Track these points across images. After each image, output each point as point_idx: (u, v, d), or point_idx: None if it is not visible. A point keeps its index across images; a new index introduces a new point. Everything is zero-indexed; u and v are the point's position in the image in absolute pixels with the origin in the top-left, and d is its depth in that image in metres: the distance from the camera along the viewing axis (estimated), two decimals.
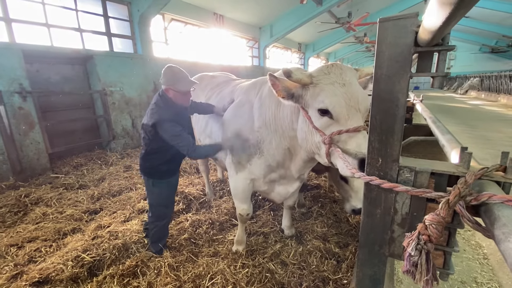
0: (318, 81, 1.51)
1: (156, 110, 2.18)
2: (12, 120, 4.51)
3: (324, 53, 23.96)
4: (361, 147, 1.32)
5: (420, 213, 0.98)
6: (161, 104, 2.22)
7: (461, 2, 0.40)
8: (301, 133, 1.71)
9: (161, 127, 2.13)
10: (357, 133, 1.39)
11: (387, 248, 1.09)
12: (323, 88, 1.49)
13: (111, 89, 6.24)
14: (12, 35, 5.01)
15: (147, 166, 2.41)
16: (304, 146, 1.74)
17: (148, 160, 2.38)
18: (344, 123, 1.43)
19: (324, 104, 1.45)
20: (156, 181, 2.43)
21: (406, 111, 0.97)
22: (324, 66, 1.58)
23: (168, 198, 2.57)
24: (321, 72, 1.54)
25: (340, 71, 1.51)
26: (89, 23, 6.36)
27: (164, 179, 2.45)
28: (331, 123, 1.48)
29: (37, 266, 2.39)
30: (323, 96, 1.46)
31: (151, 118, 2.16)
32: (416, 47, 0.89)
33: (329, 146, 1.44)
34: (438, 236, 0.80)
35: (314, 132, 1.56)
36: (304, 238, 2.83)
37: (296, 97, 1.60)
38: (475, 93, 11.14)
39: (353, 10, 12.98)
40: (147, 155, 2.36)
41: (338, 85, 1.46)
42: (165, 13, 8.39)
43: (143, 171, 2.45)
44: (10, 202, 3.64)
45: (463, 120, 3.14)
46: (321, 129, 1.50)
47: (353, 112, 1.44)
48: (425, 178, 0.95)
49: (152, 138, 2.24)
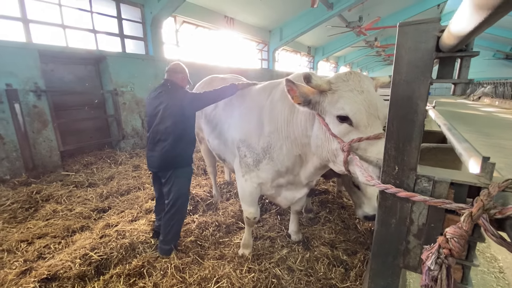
0: (337, 87, 1.50)
1: (173, 93, 2.39)
2: (27, 118, 4.63)
3: (333, 57, 23.83)
4: (382, 155, 1.30)
5: (438, 225, 0.95)
6: (172, 88, 2.45)
7: (500, 7, 0.38)
8: (317, 140, 1.68)
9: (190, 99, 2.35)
10: (378, 140, 1.36)
11: (402, 260, 1.05)
12: (342, 94, 1.47)
13: (122, 89, 6.34)
14: (29, 35, 5.15)
15: (176, 155, 2.42)
16: (319, 153, 1.70)
17: (176, 148, 2.39)
18: (364, 130, 1.41)
19: (344, 111, 1.43)
20: (184, 170, 2.51)
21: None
22: (342, 73, 1.57)
23: (189, 187, 2.65)
24: (339, 79, 1.52)
25: (358, 79, 1.50)
26: (103, 25, 6.49)
27: (190, 165, 2.57)
28: (350, 130, 1.45)
29: (46, 263, 2.42)
30: (343, 103, 1.44)
31: (173, 100, 2.32)
32: (438, 52, 0.86)
33: (348, 153, 1.41)
34: (460, 251, 0.77)
35: (331, 139, 1.53)
36: (312, 244, 2.78)
37: (313, 104, 1.58)
38: (489, 99, 10.90)
39: (364, 14, 12.89)
40: (175, 143, 2.37)
41: (357, 92, 1.45)
42: (177, 16, 8.50)
43: (171, 163, 2.43)
44: (22, 198, 3.72)
45: (477, 128, 3.06)
46: (339, 136, 1.47)
47: (373, 119, 1.42)
48: (444, 188, 0.91)
49: (178, 121, 2.35)
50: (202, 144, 3.61)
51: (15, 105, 4.43)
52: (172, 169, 2.45)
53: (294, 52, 16.92)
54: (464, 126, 3.77)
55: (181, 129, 2.39)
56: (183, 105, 2.33)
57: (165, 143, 2.37)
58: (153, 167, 2.52)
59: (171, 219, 2.53)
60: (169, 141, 2.36)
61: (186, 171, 2.56)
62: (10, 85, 4.41)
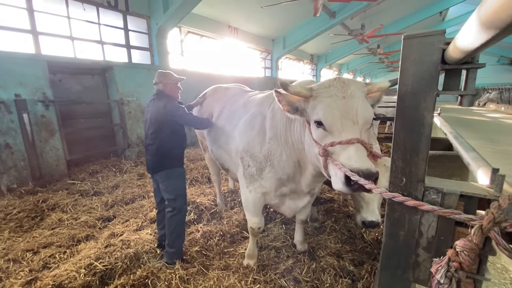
0: (318, 94, 1.52)
1: (158, 102, 2.53)
2: (35, 128, 4.70)
3: (336, 65, 23.95)
4: (351, 160, 1.29)
5: (448, 237, 0.93)
6: (158, 96, 2.60)
7: (508, 28, 0.38)
8: (306, 146, 1.74)
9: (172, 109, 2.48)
10: (350, 145, 1.34)
11: (412, 273, 1.03)
12: (321, 100, 1.50)
13: (128, 98, 6.44)
14: (38, 47, 5.29)
15: (163, 157, 2.55)
16: (309, 158, 1.77)
17: (162, 150, 2.54)
18: (338, 135, 1.40)
19: (318, 116, 1.47)
20: (174, 170, 2.60)
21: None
22: (326, 80, 1.59)
23: (185, 187, 2.73)
24: (322, 86, 1.55)
25: (342, 85, 1.50)
26: (110, 36, 6.65)
27: (181, 166, 2.68)
28: (325, 134, 1.47)
29: (51, 273, 2.42)
30: (318, 108, 1.48)
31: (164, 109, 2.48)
32: (443, 64, 0.87)
33: (325, 158, 1.43)
34: (470, 264, 0.75)
35: (314, 145, 1.56)
36: (317, 254, 2.74)
37: (300, 111, 1.62)
38: (494, 105, 10.80)
39: (366, 22, 12.99)
40: (160, 146, 2.53)
41: (337, 98, 1.45)
42: (182, 26, 8.67)
43: (160, 164, 2.56)
44: (28, 207, 3.75)
45: (483, 134, 3.02)
46: (317, 140, 1.51)
47: (349, 124, 1.40)
48: (453, 200, 0.90)
49: (160, 128, 2.50)
50: (206, 152, 3.62)
51: (23, 115, 4.51)
52: (164, 170, 2.57)
53: (297, 60, 17.06)
54: (471, 133, 3.73)
55: (164, 135, 2.54)
56: (164, 114, 2.49)
57: (152, 147, 2.56)
58: (149, 169, 2.67)
59: (173, 220, 2.58)
60: (155, 145, 2.53)
61: (177, 171, 2.65)
62: (19, 95, 4.50)
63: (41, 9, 5.31)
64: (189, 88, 5.36)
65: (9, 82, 4.44)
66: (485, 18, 0.43)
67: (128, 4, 6.60)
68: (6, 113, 4.36)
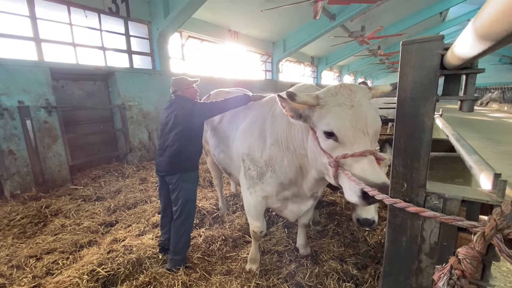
0: (325, 102, 1.48)
1: (183, 103, 2.52)
2: (38, 134, 4.74)
3: (337, 66, 23.98)
4: (365, 173, 1.27)
5: (450, 243, 0.92)
6: (182, 99, 2.59)
7: (503, 39, 0.38)
8: (310, 153, 1.71)
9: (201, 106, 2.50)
10: (363, 157, 1.33)
11: (414, 279, 1.02)
12: (329, 110, 1.45)
13: (130, 103, 6.48)
14: (41, 54, 5.35)
15: (182, 160, 2.52)
16: (314, 165, 1.73)
17: (182, 153, 2.50)
18: (350, 147, 1.38)
19: (329, 127, 1.42)
20: (190, 174, 2.57)
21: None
22: (332, 86, 1.55)
23: (195, 193, 2.69)
24: (328, 93, 1.51)
25: (348, 92, 1.47)
26: (112, 42, 6.71)
27: (196, 170, 2.66)
28: (336, 145, 1.44)
29: (54, 279, 2.42)
30: (329, 119, 1.43)
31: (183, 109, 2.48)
32: (442, 69, 0.87)
33: (336, 169, 1.41)
34: (473, 272, 0.74)
35: (322, 154, 1.53)
36: (320, 258, 2.72)
37: (304, 117, 1.59)
38: (497, 105, 10.76)
39: (366, 23, 13.02)
40: (181, 148, 2.49)
41: (346, 107, 1.42)
42: (183, 31, 8.74)
43: (177, 167, 2.51)
44: (32, 213, 3.76)
45: (485, 134, 2.99)
46: (327, 151, 1.47)
47: (360, 136, 1.38)
48: (455, 205, 0.89)
49: (186, 128, 2.49)
50: (208, 156, 3.63)
51: (26, 121, 4.55)
52: (179, 173, 2.52)
53: (297, 63, 17.10)
54: (473, 133, 3.71)
55: (188, 136, 2.51)
56: (193, 114, 2.48)
57: (172, 148, 2.50)
58: (162, 171, 2.60)
59: (182, 225, 2.54)
60: (176, 146, 2.48)
61: (193, 176, 2.62)
62: (22, 102, 4.55)
63: (44, 16, 5.38)
64: None
65: (13, 89, 4.49)
66: (480, 30, 0.43)
67: (129, 10, 6.67)
68: (9, 119, 4.40)
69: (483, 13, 0.41)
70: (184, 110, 2.49)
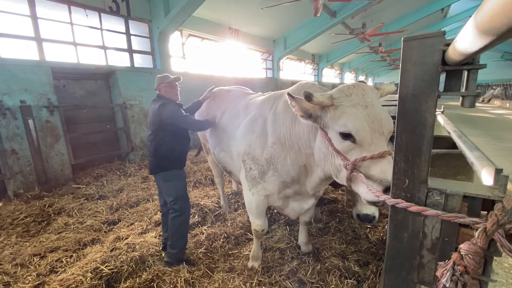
0: (339, 103, 1.45)
1: (156, 104, 2.55)
2: (40, 133, 4.76)
3: (338, 64, 23.89)
4: (386, 174, 1.25)
5: (452, 239, 0.93)
6: (157, 99, 2.63)
7: (504, 34, 0.39)
8: (319, 153, 1.67)
9: (167, 114, 2.49)
10: (382, 159, 1.31)
11: (416, 275, 1.03)
12: (345, 110, 1.42)
13: (131, 102, 6.49)
14: (42, 53, 5.36)
15: (160, 159, 2.56)
16: (322, 166, 1.69)
17: (158, 152, 2.55)
18: (368, 148, 1.36)
19: (346, 128, 1.39)
20: (173, 172, 2.59)
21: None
22: (345, 86, 1.53)
23: (185, 188, 2.72)
24: (342, 94, 1.48)
25: (362, 92, 1.45)
26: (112, 41, 6.71)
27: (179, 168, 2.67)
28: (353, 147, 1.41)
29: (58, 277, 2.45)
30: (345, 120, 1.40)
31: (158, 111, 2.50)
32: (444, 65, 0.87)
33: (351, 171, 1.37)
34: (475, 268, 0.75)
35: (334, 155, 1.50)
36: (322, 255, 2.73)
37: (314, 117, 1.55)
38: (499, 101, 10.71)
39: (367, 21, 12.96)
40: (157, 148, 2.55)
41: (361, 107, 1.40)
42: (183, 29, 8.72)
43: (158, 166, 2.57)
44: (35, 211, 3.79)
45: (487, 131, 2.98)
46: (342, 152, 1.44)
47: (377, 136, 1.37)
48: (457, 201, 0.90)
49: (157, 129, 2.53)
50: (209, 155, 3.63)
51: (28, 121, 4.57)
52: (161, 172, 2.59)
53: (298, 60, 17.05)
54: (475, 130, 3.70)
55: (161, 136, 2.56)
56: (159, 116, 2.52)
57: (151, 148, 2.60)
58: (150, 170, 2.67)
59: (175, 221, 2.58)
60: (153, 146, 2.57)
61: (174, 173, 2.63)
62: (24, 101, 4.57)
63: (45, 16, 5.38)
64: (191, 90, 5.39)
65: (15, 89, 4.51)
66: (482, 25, 0.43)
67: (129, 9, 6.66)
68: (11, 119, 4.43)
69: (484, 7, 0.41)
70: (153, 111, 2.56)
